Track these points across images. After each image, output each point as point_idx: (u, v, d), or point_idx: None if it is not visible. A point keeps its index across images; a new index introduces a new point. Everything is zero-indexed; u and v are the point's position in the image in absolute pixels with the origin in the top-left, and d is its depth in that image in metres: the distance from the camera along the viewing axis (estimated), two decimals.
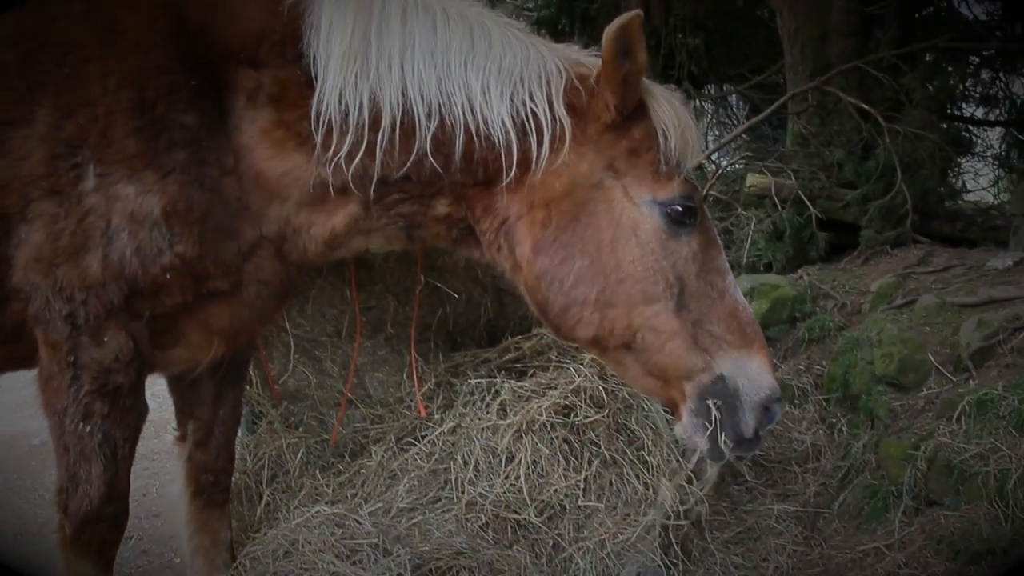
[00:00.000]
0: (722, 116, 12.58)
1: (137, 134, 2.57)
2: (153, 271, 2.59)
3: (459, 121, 2.54)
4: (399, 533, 3.17)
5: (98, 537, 2.83)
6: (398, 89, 2.54)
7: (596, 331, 2.56)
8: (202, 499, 3.35)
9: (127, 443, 2.79)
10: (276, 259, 2.82)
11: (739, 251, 6.76)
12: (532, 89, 2.54)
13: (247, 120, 2.66)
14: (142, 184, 2.55)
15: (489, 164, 2.59)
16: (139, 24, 2.68)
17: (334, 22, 2.59)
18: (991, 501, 3.27)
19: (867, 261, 6.09)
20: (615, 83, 2.48)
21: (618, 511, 3.41)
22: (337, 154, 2.57)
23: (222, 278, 2.73)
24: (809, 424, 4.84)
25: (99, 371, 2.65)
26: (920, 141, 6.24)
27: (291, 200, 2.72)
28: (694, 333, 2.51)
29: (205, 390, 3.30)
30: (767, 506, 4.18)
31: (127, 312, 2.64)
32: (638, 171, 2.55)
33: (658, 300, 2.49)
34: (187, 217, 2.58)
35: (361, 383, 3.98)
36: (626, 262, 2.51)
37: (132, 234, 2.56)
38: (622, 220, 2.52)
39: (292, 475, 3.70)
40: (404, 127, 2.55)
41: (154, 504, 5.14)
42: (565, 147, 2.53)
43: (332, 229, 2.77)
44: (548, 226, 2.55)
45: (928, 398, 4.10)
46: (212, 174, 2.62)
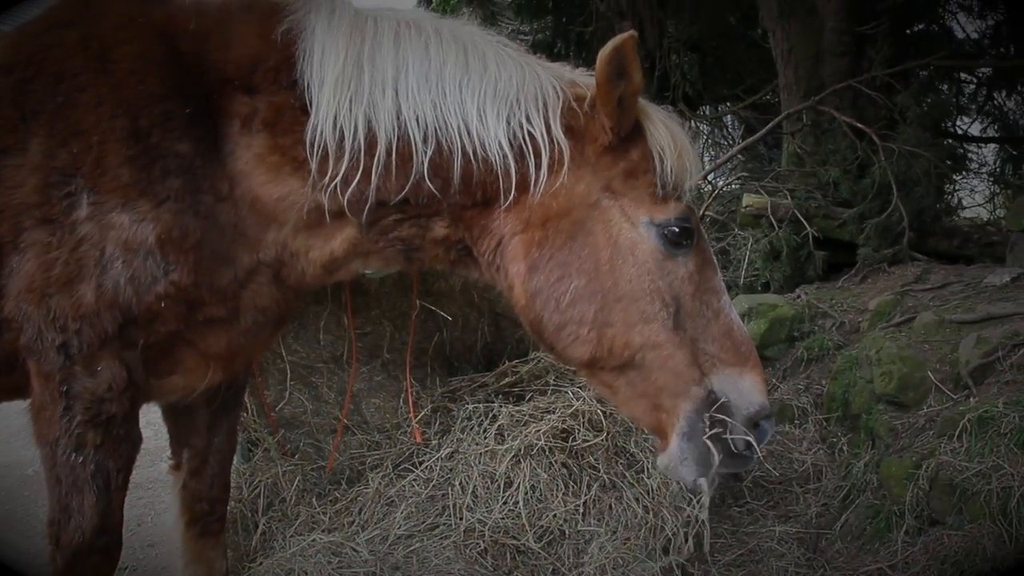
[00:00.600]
0: (718, 137, 12.64)
1: (131, 163, 2.55)
2: (148, 299, 2.56)
3: (456, 144, 2.52)
4: (396, 561, 3.14)
5: (91, 569, 2.78)
6: (392, 113, 2.53)
7: (594, 350, 2.53)
8: (197, 528, 3.31)
9: (120, 473, 2.75)
10: (274, 285, 2.80)
11: (736, 271, 6.76)
12: (529, 111, 2.52)
13: (242, 146, 2.64)
14: (136, 212, 2.53)
15: (487, 186, 2.57)
16: (133, 53, 2.68)
17: (327, 48, 2.58)
18: (994, 520, 3.24)
19: (865, 279, 6.09)
20: (611, 105, 2.47)
21: (618, 535, 3.38)
22: (333, 179, 2.55)
23: (218, 305, 2.71)
24: (810, 444, 4.81)
25: (92, 401, 2.62)
26: (915, 159, 6.25)
27: (288, 225, 2.70)
28: (691, 352, 2.49)
29: (200, 418, 3.26)
30: (768, 528, 4.14)
31: (121, 341, 2.61)
32: (636, 192, 2.54)
33: (655, 319, 2.48)
34: (182, 245, 2.56)
35: (358, 409, 3.95)
36: (623, 281, 2.50)
37: (126, 263, 2.53)
38: (620, 240, 2.51)
39: (288, 503, 3.66)
40: (400, 151, 2.54)
41: (149, 534, 5.09)
42: (564, 169, 2.52)
43: (331, 253, 2.75)
44: (544, 245, 2.53)
45: (928, 416, 4.07)
46: (207, 201, 2.61)
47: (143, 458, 2.88)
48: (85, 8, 2.81)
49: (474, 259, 2.73)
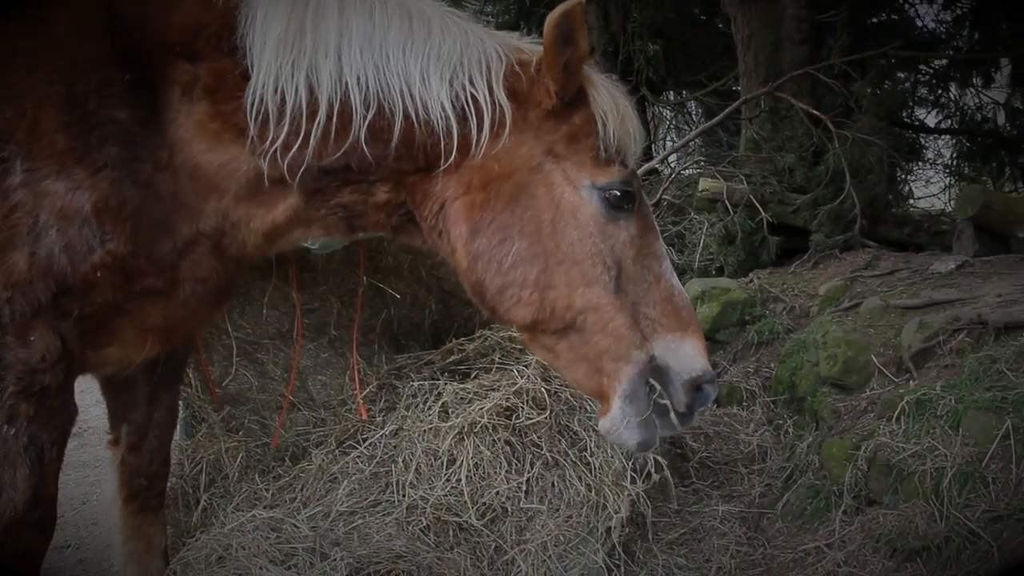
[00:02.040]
0: (680, 122, 12.69)
1: (67, 129, 2.50)
2: (83, 269, 2.51)
3: (398, 107, 2.50)
4: (337, 537, 3.12)
5: (23, 544, 2.72)
6: (335, 77, 2.50)
7: (536, 312, 2.53)
8: (135, 504, 3.27)
9: (55, 446, 2.70)
10: (214, 255, 2.75)
11: (691, 255, 6.81)
12: (472, 74, 2.51)
13: (183, 114, 2.59)
14: (72, 180, 2.47)
15: (429, 149, 2.55)
16: (70, 18, 2.61)
17: (269, 12, 2.54)
18: (927, 499, 3.30)
19: (816, 265, 6.17)
20: (556, 70, 2.47)
21: (560, 513, 3.39)
22: (274, 143, 2.51)
23: (156, 276, 2.66)
24: (756, 426, 4.87)
25: (25, 372, 2.56)
26: (869, 147, 6.33)
27: (230, 194, 2.66)
28: (632, 316, 2.51)
29: (139, 392, 3.22)
30: (712, 507, 4.19)
31: (55, 311, 2.55)
32: (578, 156, 2.54)
33: (597, 283, 2.49)
34: (119, 214, 2.51)
35: (304, 386, 3.93)
36: (565, 244, 2.50)
37: (61, 231, 2.48)
38: (562, 203, 2.51)
39: (231, 480, 3.63)
40: (341, 115, 2.51)
41: (94, 512, 5.01)
42: (505, 132, 2.51)
43: (272, 222, 2.71)
44: (486, 207, 2.52)
45: (870, 399, 4.14)
46: (146, 170, 2.56)
47: (91, 436, 2.84)
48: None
49: (416, 224, 2.70)
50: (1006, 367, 3.64)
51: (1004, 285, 4.61)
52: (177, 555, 3.18)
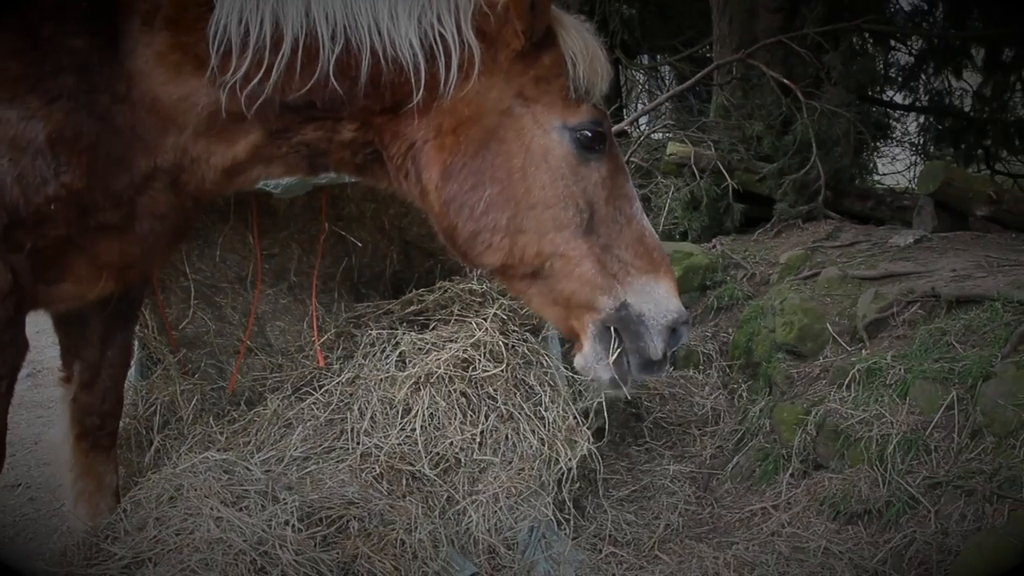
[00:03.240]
0: (652, 86, 12.66)
1: (19, 56, 2.42)
2: (36, 201, 2.45)
3: (365, 43, 2.45)
4: (290, 481, 3.12)
5: None
6: (301, 10, 2.44)
7: (505, 258, 2.52)
8: (87, 442, 3.24)
9: (3, 380, 2.65)
10: (171, 192, 2.69)
11: (656, 218, 6.84)
12: (440, 12, 2.46)
13: (143, 44, 2.51)
14: (25, 109, 2.40)
15: (396, 88, 2.50)
16: None
17: None
18: (871, 464, 3.39)
19: (779, 234, 6.23)
20: (523, 9, 2.44)
21: (513, 466, 3.43)
22: (235, 75, 2.44)
23: (112, 211, 2.60)
24: (712, 389, 4.94)
25: None
26: (836, 119, 6.37)
27: (188, 129, 2.59)
28: (602, 259, 2.49)
29: (93, 330, 3.18)
30: (664, 467, 4.27)
31: (6, 243, 2.49)
32: (548, 98, 2.51)
33: (568, 226, 2.47)
34: (74, 146, 2.44)
35: (262, 331, 3.90)
36: (536, 188, 2.48)
37: (13, 161, 2.41)
38: (532, 146, 2.49)
39: (185, 422, 3.61)
40: (307, 49, 2.45)
41: (46, 453, 4.97)
42: (475, 72, 2.47)
43: (233, 158, 2.64)
44: (457, 152, 2.49)
45: (823, 366, 4.21)
46: (103, 101, 2.49)
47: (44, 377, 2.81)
48: None
49: (383, 165, 2.66)
50: (955, 339, 3.72)
51: (959, 261, 4.70)
52: (129, 493, 3.16)
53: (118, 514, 3.12)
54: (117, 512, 3.14)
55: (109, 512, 3.22)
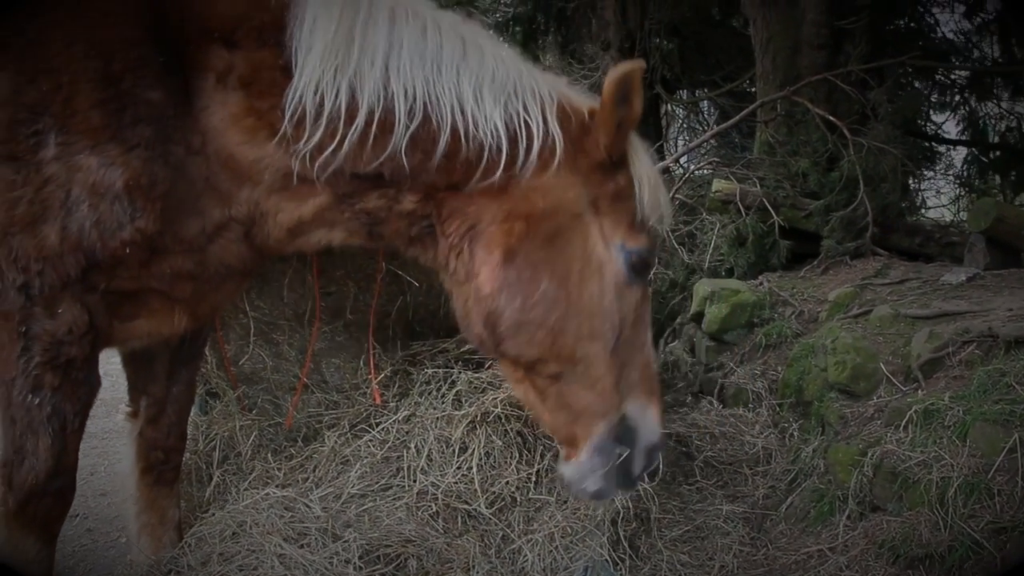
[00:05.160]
0: (693, 121, 12.70)
1: (102, 106, 2.52)
2: (112, 245, 2.55)
3: (446, 121, 2.53)
4: (349, 519, 3.17)
5: (43, 512, 2.78)
6: (380, 84, 2.53)
7: (540, 353, 2.59)
8: (151, 476, 3.32)
9: (77, 417, 2.75)
10: (244, 243, 2.78)
11: (702, 255, 6.84)
12: (526, 101, 2.56)
13: (217, 103, 2.62)
14: (105, 156, 2.50)
15: (471, 166, 2.58)
16: None
17: (319, 16, 2.56)
18: (932, 508, 3.33)
19: (827, 271, 6.19)
20: (610, 126, 2.55)
21: (568, 505, 3.43)
22: (307, 145, 2.55)
23: (184, 256, 2.69)
24: (762, 428, 4.90)
25: (51, 343, 2.61)
26: (883, 155, 6.35)
27: (262, 185, 2.69)
28: (619, 375, 2.61)
29: (159, 367, 3.26)
30: (716, 506, 4.23)
31: (83, 284, 2.59)
32: (617, 216, 2.61)
33: (603, 338, 2.58)
34: (150, 193, 2.54)
35: (317, 368, 3.96)
36: (587, 296, 2.57)
37: (92, 206, 2.51)
38: (593, 256, 2.58)
39: (244, 457, 3.67)
40: (382, 123, 2.54)
41: (102, 483, 5.08)
42: (554, 163, 2.55)
43: (299, 217, 2.74)
44: (525, 240, 2.55)
45: (878, 406, 4.17)
46: (178, 152, 2.59)
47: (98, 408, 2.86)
48: None
49: (434, 239, 2.72)
50: (1015, 381, 3.66)
51: (1015, 299, 4.64)
52: (192, 529, 3.22)
53: (181, 548, 3.19)
54: (180, 547, 3.21)
55: (172, 546, 3.29)
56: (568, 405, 2.63)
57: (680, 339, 6.67)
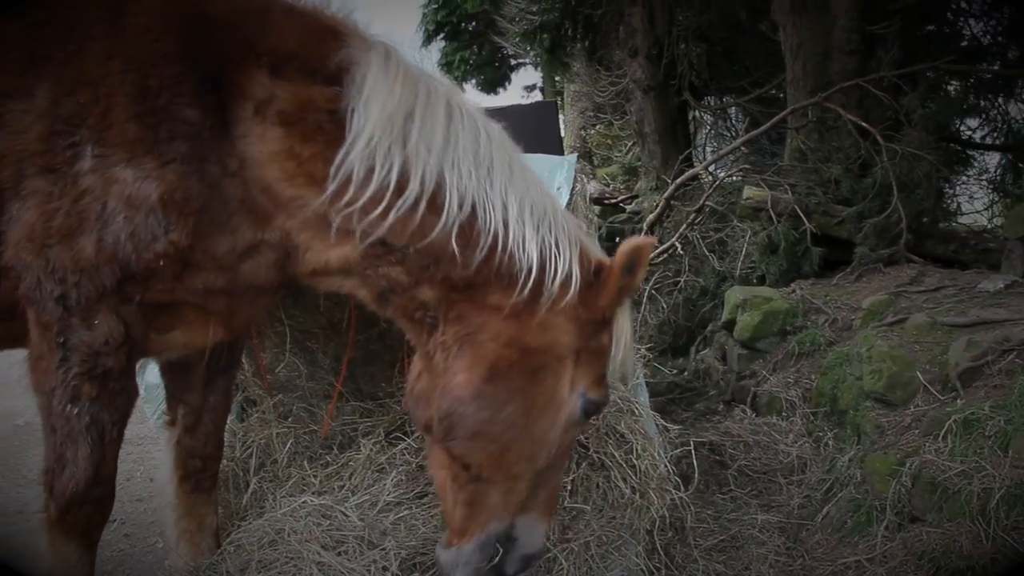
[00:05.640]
0: (721, 128, 12.63)
1: (138, 120, 2.53)
2: (147, 257, 2.56)
3: (490, 226, 2.59)
4: (385, 527, 3.17)
5: (83, 518, 2.81)
6: (434, 170, 2.57)
7: (482, 461, 2.68)
8: (189, 484, 3.34)
9: (115, 426, 2.77)
10: (274, 268, 2.79)
11: (733, 263, 6.81)
12: (559, 237, 2.64)
13: (255, 135, 2.61)
14: (141, 169, 2.51)
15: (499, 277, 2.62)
16: (153, 9, 2.66)
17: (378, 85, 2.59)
18: (973, 519, 3.29)
19: (860, 278, 6.14)
20: (613, 289, 2.66)
21: (604, 514, 3.42)
22: (352, 206, 2.57)
23: (215, 272, 2.71)
24: (796, 437, 4.87)
25: (89, 354, 2.63)
26: (917, 161, 6.29)
27: (297, 219, 2.69)
28: (530, 491, 2.74)
29: (196, 376, 3.29)
30: (751, 516, 4.21)
31: (119, 296, 2.61)
32: (590, 368, 2.73)
33: (536, 461, 2.70)
34: (184, 208, 2.54)
35: (352, 376, 3.97)
36: (539, 427, 2.68)
37: (128, 218, 2.52)
38: (558, 397, 2.69)
39: (280, 464, 3.69)
40: (430, 205, 2.57)
41: (138, 489, 5.14)
42: (562, 304, 2.62)
43: (325, 261, 2.75)
44: (512, 366, 2.63)
45: (915, 415, 4.13)
46: (213, 171, 2.59)
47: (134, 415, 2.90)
48: None
49: (431, 330, 2.76)
50: None
51: None
52: (229, 536, 3.24)
53: (220, 555, 3.21)
54: (219, 553, 3.23)
55: (210, 552, 3.31)
56: (477, 503, 2.72)
57: (711, 347, 6.64)
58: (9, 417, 6.53)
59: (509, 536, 2.74)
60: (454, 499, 2.76)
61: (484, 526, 2.72)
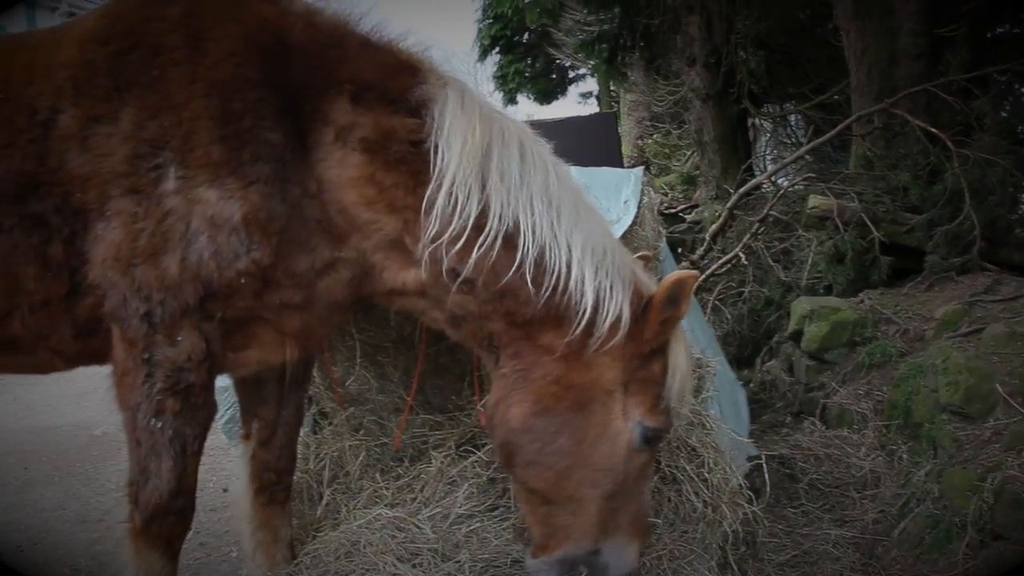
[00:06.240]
0: (781, 135, 12.48)
1: (221, 142, 2.62)
2: (229, 275, 2.63)
3: (555, 267, 2.66)
4: (458, 540, 3.19)
5: (166, 529, 2.88)
6: (510, 210, 2.65)
7: (543, 488, 2.77)
8: (264, 497, 3.40)
9: (196, 440, 2.84)
10: (349, 286, 2.87)
11: (798, 272, 6.71)
12: (614, 280, 2.69)
13: (335, 160, 2.69)
14: (224, 190, 2.59)
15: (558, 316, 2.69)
16: (235, 34, 2.73)
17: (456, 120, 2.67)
18: None
19: (931, 287, 6.00)
20: (656, 322, 2.70)
21: (676, 528, 3.39)
22: (435, 241, 2.65)
23: (294, 289, 2.77)
24: (868, 450, 4.77)
25: (172, 369, 2.70)
26: (990, 167, 6.12)
27: (371, 241, 2.77)
28: (607, 516, 2.78)
29: (269, 391, 3.35)
30: (824, 531, 4.13)
31: (201, 313, 2.68)
32: (643, 397, 2.77)
33: (600, 487, 2.75)
34: (267, 227, 2.62)
35: (421, 390, 4.01)
36: (597, 455, 2.73)
37: (211, 238, 2.60)
38: (611, 426, 2.74)
39: (352, 477, 3.74)
40: (506, 243, 2.65)
41: (211, 499, 5.25)
42: (610, 345, 2.68)
43: (402, 283, 2.83)
44: (560, 402, 2.71)
45: (995, 429, 4.02)
46: (294, 192, 2.67)
47: None
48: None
49: (496, 358, 2.86)
50: None
51: None
52: (305, 547, 3.29)
53: (296, 566, 3.26)
54: (295, 564, 3.28)
55: (285, 563, 3.36)
56: (550, 522, 2.80)
57: (777, 358, 6.55)
58: (88, 427, 6.74)
59: (598, 563, 2.81)
60: (531, 517, 2.85)
61: (561, 544, 2.79)
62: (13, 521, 5.13)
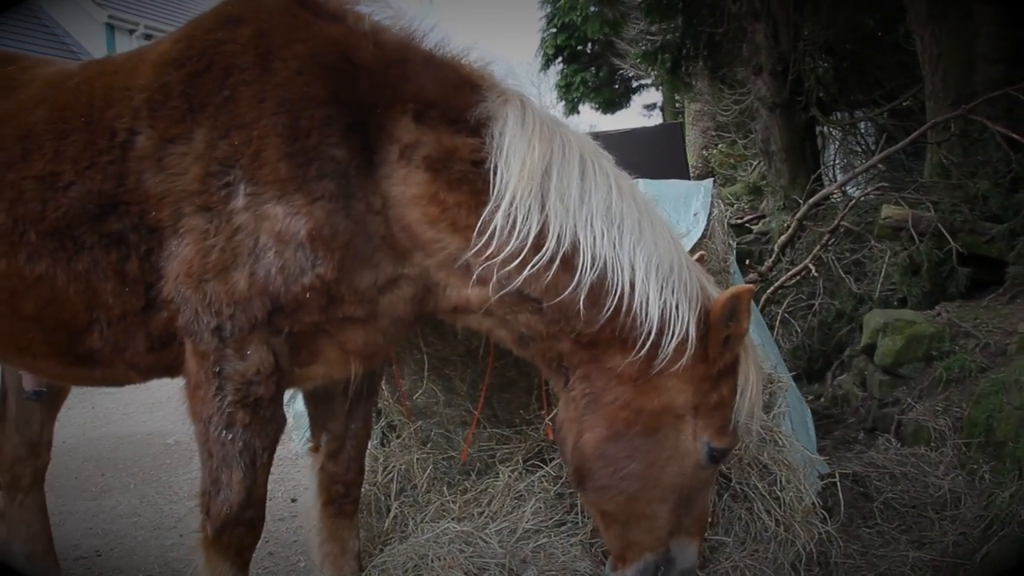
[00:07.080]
0: (851, 143, 12.20)
1: (289, 159, 2.67)
2: (295, 290, 2.68)
3: (617, 286, 2.65)
4: (526, 555, 3.18)
5: (237, 539, 2.93)
6: (568, 228, 2.65)
7: (614, 510, 2.83)
8: (333, 509, 3.44)
9: (266, 452, 2.89)
10: (412, 303, 2.89)
11: (871, 284, 6.54)
12: (680, 298, 2.68)
13: (399, 177, 2.73)
14: (291, 206, 2.64)
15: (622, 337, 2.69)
16: (303, 54, 2.78)
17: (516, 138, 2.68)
18: None
19: (1013, 299, 5.79)
20: (717, 342, 2.69)
21: (747, 546, 3.32)
22: (492, 259, 2.67)
23: (357, 305, 2.80)
24: (947, 469, 4.60)
25: (242, 383, 2.76)
26: None
27: (434, 259, 2.80)
28: (674, 523, 2.84)
29: (338, 404, 3.39)
30: (901, 552, 3.99)
31: (269, 327, 2.74)
32: (712, 420, 2.78)
33: (669, 502, 2.81)
34: (331, 243, 2.66)
35: (488, 403, 4.01)
36: (666, 476, 2.78)
37: (278, 253, 2.65)
38: (681, 448, 2.77)
39: (419, 490, 3.75)
40: (564, 262, 2.66)
41: (278, 509, 5.32)
42: (677, 366, 2.68)
43: (466, 299, 2.85)
44: (630, 427, 2.74)
45: None
46: (359, 208, 2.71)
47: None
48: (258, 5, 2.95)
49: (565, 380, 2.88)
50: None
51: None
52: (373, 560, 3.31)
53: None
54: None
55: (352, 575, 3.38)
56: (624, 538, 2.86)
57: (849, 372, 6.39)
58: (162, 436, 6.91)
59: (667, 559, 2.87)
60: (607, 533, 2.91)
61: (639, 555, 2.85)
62: (92, 527, 5.27)
